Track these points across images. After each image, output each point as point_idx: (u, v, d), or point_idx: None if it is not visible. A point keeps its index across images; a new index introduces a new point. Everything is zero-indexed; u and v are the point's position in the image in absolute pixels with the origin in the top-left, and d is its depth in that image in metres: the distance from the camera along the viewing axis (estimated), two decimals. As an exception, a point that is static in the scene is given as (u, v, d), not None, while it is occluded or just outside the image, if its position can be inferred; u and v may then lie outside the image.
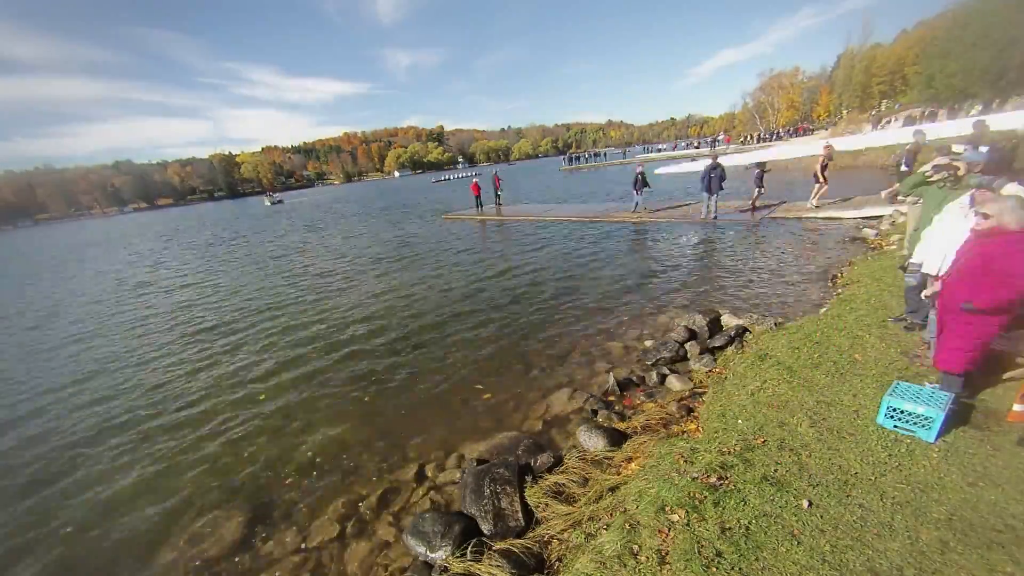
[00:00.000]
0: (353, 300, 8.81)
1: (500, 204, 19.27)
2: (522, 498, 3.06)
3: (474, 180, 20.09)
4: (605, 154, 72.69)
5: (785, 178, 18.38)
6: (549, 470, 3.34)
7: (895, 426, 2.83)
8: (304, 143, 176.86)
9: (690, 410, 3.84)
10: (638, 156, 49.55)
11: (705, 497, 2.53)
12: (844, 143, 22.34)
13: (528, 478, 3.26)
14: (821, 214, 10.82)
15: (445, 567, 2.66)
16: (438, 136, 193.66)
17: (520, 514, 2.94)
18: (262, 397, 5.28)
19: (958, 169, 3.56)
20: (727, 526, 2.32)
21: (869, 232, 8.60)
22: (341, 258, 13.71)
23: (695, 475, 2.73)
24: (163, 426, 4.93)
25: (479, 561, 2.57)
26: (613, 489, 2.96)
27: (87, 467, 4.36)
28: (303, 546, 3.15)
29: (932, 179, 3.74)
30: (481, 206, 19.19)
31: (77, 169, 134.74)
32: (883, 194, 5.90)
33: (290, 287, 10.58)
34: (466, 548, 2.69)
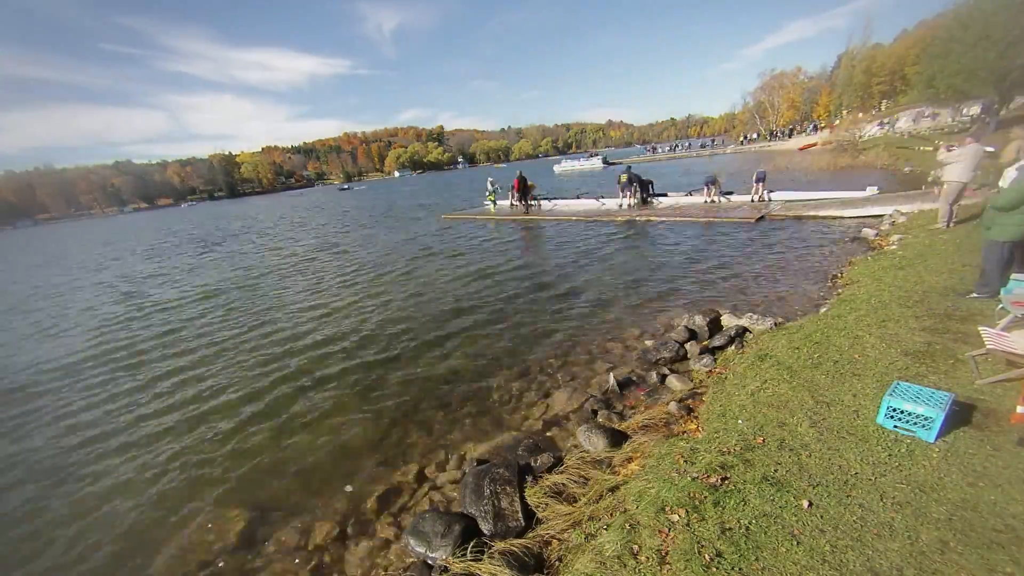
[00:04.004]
0: (352, 301, 8.80)
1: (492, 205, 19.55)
2: (522, 498, 3.06)
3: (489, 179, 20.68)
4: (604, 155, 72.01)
5: (787, 176, 18.39)
6: (549, 470, 3.34)
7: (895, 426, 2.83)
8: (304, 143, 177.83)
9: (690, 410, 3.84)
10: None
11: (705, 497, 2.53)
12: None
13: (528, 478, 3.26)
14: (821, 213, 10.82)
15: (445, 567, 2.66)
16: (438, 136, 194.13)
17: (520, 514, 2.94)
18: (262, 398, 5.29)
19: None
20: (727, 526, 2.32)
21: (869, 232, 8.59)
22: (339, 256, 13.73)
23: (695, 475, 2.73)
24: (162, 427, 4.94)
25: (479, 561, 2.57)
26: (613, 489, 2.96)
27: (87, 467, 4.37)
28: (303, 546, 3.15)
29: None
30: (495, 204, 19.52)
31: (77, 169, 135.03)
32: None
33: (286, 286, 10.59)
34: (466, 548, 2.69)
